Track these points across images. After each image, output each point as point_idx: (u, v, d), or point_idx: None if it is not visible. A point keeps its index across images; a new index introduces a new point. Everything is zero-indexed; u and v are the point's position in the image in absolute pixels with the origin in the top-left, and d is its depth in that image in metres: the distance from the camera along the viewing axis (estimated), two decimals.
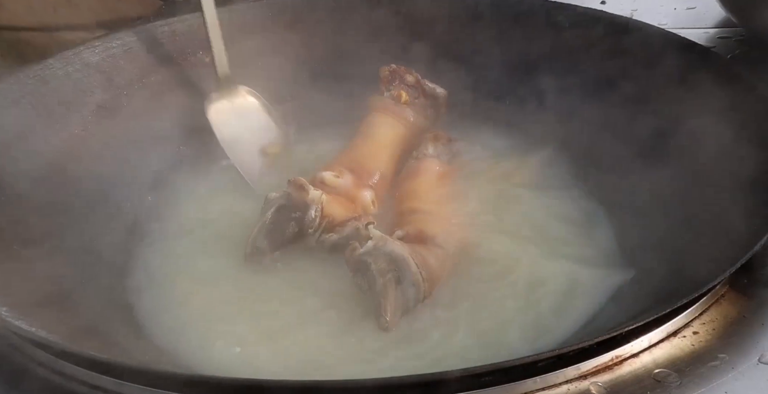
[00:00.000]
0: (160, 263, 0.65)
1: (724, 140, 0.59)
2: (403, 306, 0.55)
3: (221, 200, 0.72)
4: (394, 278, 0.55)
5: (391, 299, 0.54)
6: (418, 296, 0.55)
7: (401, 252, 0.55)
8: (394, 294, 0.54)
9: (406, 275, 0.55)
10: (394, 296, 0.54)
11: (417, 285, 0.55)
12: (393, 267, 0.55)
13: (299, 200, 0.61)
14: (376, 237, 0.56)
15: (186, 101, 0.76)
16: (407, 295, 0.55)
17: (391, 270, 0.55)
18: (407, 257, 0.55)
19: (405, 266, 0.55)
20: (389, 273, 0.55)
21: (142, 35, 0.74)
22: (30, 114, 0.65)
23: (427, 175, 0.69)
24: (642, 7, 0.93)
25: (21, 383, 0.47)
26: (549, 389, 0.44)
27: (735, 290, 0.51)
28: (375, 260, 0.55)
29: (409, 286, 0.55)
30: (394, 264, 0.55)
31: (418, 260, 0.56)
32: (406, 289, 0.55)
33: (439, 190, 0.68)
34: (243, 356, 0.55)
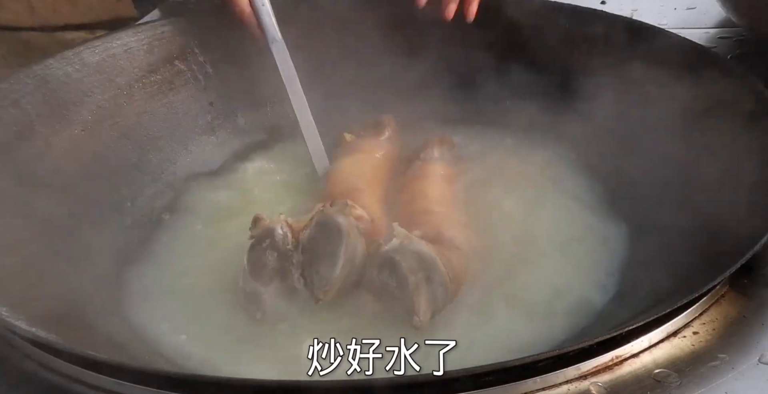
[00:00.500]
0: (161, 265, 0.65)
1: (724, 140, 0.59)
2: (434, 305, 0.54)
3: (222, 200, 0.72)
4: (425, 276, 0.54)
5: (424, 297, 0.53)
6: (447, 297, 0.55)
7: (429, 251, 0.54)
8: (426, 294, 0.54)
9: (435, 275, 0.54)
10: (426, 295, 0.54)
11: (445, 285, 0.54)
12: (423, 266, 0.54)
13: (263, 230, 0.58)
14: (400, 235, 0.55)
15: (186, 101, 0.76)
16: (437, 294, 0.54)
17: (421, 269, 0.54)
18: (436, 257, 0.54)
19: (434, 265, 0.54)
20: (420, 272, 0.54)
21: (142, 35, 0.74)
22: (30, 114, 0.65)
23: (434, 177, 0.70)
24: (642, 7, 0.93)
25: (21, 382, 0.47)
26: (549, 389, 0.44)
27: (735, 290, 0.51)
28: (404, 257, 0.54)
29: (438, 286, 0.54)
30: (423, 263, 0.54)
31: (444, 260, 0.55)
32: (436, 288, 0.54)
33: (447, 192, 0.69)
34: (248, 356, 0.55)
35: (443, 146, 0.73)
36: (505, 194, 0.70)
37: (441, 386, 0.43)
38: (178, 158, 0.75)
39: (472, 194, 0.70)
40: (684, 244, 0.57)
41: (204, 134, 0.77)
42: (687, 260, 0.55)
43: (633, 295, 0.56)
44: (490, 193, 0.70)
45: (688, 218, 0.58)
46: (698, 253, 0.54)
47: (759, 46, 0.85)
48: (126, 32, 0.74)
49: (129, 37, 0.74)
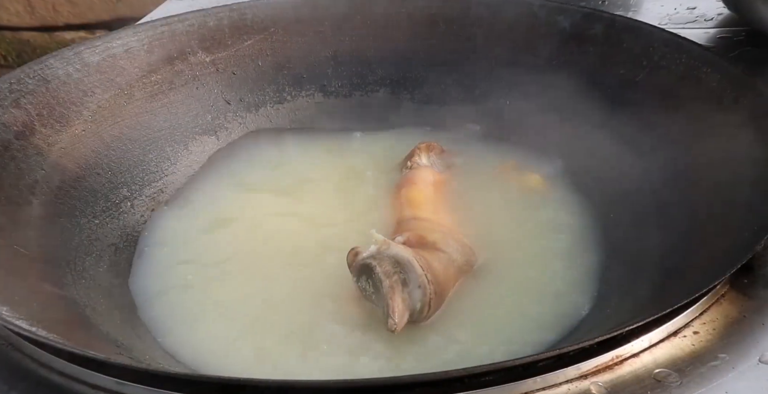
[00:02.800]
0: (161, 264, 0.65)
1: (724, 140, 0.59)
2: (410, 307, 0.54)
3: (222, 200, 0.72)
4: (400, 279, 0.54)
5: (398, 299, 0.53)
6: (425, 298, 0.54)
7: (405, 254, 0.55)
8: (401, 295, 0.54)
9: (411, 276, 0.54)
10: (401, 296, 0.54)
11: (423, 287, 0.54)
12: (398, 269, 0.54)
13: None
14: (378, 241, 0.55)
15: (186, 101, 0.76)
16: (414, 296, 0.54)
17: (396, 272, 0.54)
18: (412, 259, 0.54)
19: (410, 267, 0.54)
20: (395, 275, 0.54)
21: (142, 35, 0.74)
22: (31, 114, 0.65)
23: (422, 183, 0.70)
24: (642, 7, 0.93)
25: (21, 382, 0.47)
26: (549, 389, 0.44)
27: (735, 290, 0.51)
28: (380, 262, 0.54)
29: (415, 288, 0.54)
30: (399, 266, 0.54)
31: (423, 262, 0.55)
32: (413, 291, 0.54)
33: (435, 198, 0.69)
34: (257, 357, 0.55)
35: (431, 152, 0.73)
36: (493, 201, 0.70)
37: (441, 386, 0.43)
38: (178, 158, 0.75)
39: (460, 201, 0.70)
40: (684, 244, 0.57)
41: (204, 134, 0.77)
42: (687, 259, 0.55)
43: (633, 295, 0.56)
44: (476, 200, 0.70)
45: (687, 217, 0.58)
46: (698, 253, 0.54)
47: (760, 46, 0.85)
48: (126, 32, 0.74)
49: (129, 37, 0.74)
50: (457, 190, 0.71)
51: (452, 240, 0.61)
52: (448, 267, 0.59)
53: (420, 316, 0.55)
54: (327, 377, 0.51)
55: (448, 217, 0.67)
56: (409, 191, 0.69)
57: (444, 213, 0.67)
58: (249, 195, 0.73)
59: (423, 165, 0.72)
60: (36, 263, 0.56)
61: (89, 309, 0.55)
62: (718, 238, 0.53)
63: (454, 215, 0.67)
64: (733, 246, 0.50)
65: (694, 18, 0.93)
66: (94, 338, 0.52)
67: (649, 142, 0.65)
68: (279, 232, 0.68)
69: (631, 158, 0.66)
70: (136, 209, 0.69)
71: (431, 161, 0.72)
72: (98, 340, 0.52)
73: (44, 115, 0.66)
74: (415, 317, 0.55)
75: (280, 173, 0.76)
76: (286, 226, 0.69)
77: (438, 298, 0.56)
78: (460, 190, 0.71)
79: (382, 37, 0.72)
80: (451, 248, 0.60)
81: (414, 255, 0.55)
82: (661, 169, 0.63)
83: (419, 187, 0.69)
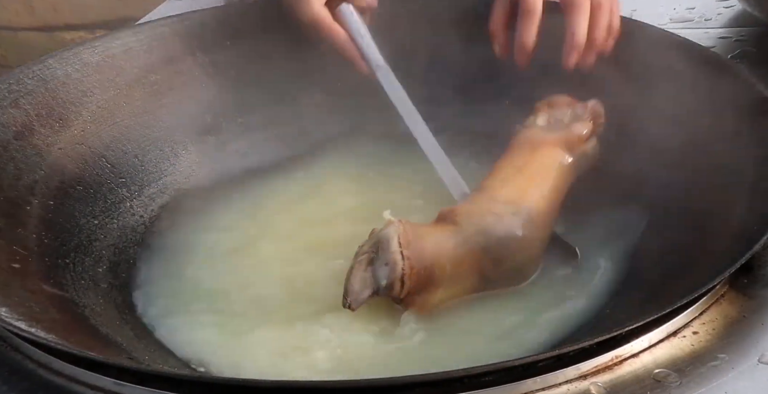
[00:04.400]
0: (161, 265, 0.65)
1: (724, 140, 0.59)
2: (372, 285, 0.53)
3: (222, 200, 0.72)
4: (367, 259, 0.53)
5: (354, 278, 0.53)
6: (393, 275, 0.52)
7: (389, 232, 0.53)
8: (361, 274, 0.53)
9: (382, 254, 0.53)
10: (360, 275, 0.53)
11: (393, 264, 0.52)
12: (375, 248, 0.53)
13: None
14: (386, 221, 0.54)
15: (186, 101, 0.76)
16: (378, 274, 0.53)
17: (368, 251, 0.53)
18: (391, 237, 0.53)
19: (386, 245, 0.53)
20: (365, 254, 0.53)
21: (141, 35, 0.74)
22: (30, 114, 0.65)
23: (516, 150, 0.63)
24: (642, 7, 0.93)
25: (20, 383, 0.47)
26: (549, 389, 0.44)
27: (735, 290, 0.51)
28: (362, 245, 0.54)
29: (381, 265, 0.53)
30: (377, 245, 0.53)
31: (408, 238, 0.53)
32: (378, 268, 0.53)
33: (518, 167, 0.61)
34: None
35: (554, 110, 0.64)
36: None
37: (441, 386, 0.43)
38: (177, 159, 0.74)
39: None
40: (683, 244, 0.57)
41: (204, 134, 0.77)
42: (687, 259, 0.55)
43: (633, 295, 0.56)
44: None
45: (686, 217, 0.58)
46: (698, 253, 0.54)
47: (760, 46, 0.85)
48: (126, 32, 0.74)
49: (129, 37, 0.74)
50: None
51: (483, 215, 0.56)
52: (449, 243, 0.54)
53: (391, 292, 0.53)
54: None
55: (515, 191, 0.59)
56: (501, 158, 0.62)
57: (513, 186, 0.60)
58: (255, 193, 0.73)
59: (536, 126, 0.64)
60: (35, 263, 0.56)
61: (88, 310, 0.55)
62: (718, 238, 0.53)
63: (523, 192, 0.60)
64: (732, 246, 0.50)
65: (694, 18, 0.94)
66: (93, 338, 0.52)
67: (648, 141, 0.65)
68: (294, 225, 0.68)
69: (629, 158, 0.66)
70: (136, 210, 0.69)
71: (553, 121, 0.64)
72: (97, 341, 0.52)
73: (43, 115, 0.66)
74: (382, 293, 0.53)
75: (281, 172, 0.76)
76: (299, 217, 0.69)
77: (421, 275, 0.53)
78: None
79: (383, 37, 0.72)
80: (473, 223, 0.55)
81: (403, 231, 0.53)
82: (659, 170, 0.63)
83: (507, 155, 0.62)
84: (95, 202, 0.66)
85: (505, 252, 0.56)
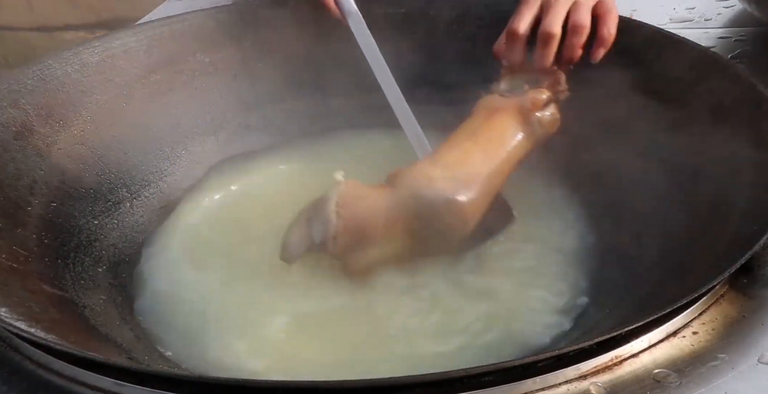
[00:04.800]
0: (161, 265, 0.65)
1: (724, 140, 0.59)
2: (308, 241, 0.56)
3: (222, 199, 0.72)
4: (306, 217, 0.56)
5: (292, 235, 0.56)
6: (327, 233, 0.55)
7: (327, 194, 0.56)
8: (298, 231, 0.56)
9: (319, 212, 0.55)
10: (297, 232, 0.56)
11: (327, 222, 0.54)
12: (314, 208, 0.56)
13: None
14: (335, 183, 0.57)
15: (186, 101, 0.76)
16: (314, 230, 0.55)
17: (309, 210, 0.56)
18: (330, 198, 0.55)
19: (323, 205, 0.55)
20: (305, 213, 0.56)
21: (141, 35, 0.74)
22: (30, 114, 0.65)
23: (472, 114, 0.63)
24: (641, 7, 0.93)
25: (19, 383, 0.47)
26: (549, 390, 0.44)
27: (735, 289, 0.51)
28: (311, 204, 0.56)
29: (316, 223, 0.55)
30: (317, 205, 0.56)
31: (346, 199, 0.55)
32: (314, 226, 0.55)
33: (470, 133, 0.61)
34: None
35: (516, 77, 0.64)
36: None
37: (440, 387, 0.43)
38: (177, 159, 0.74)
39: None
40: (683, 244, 0.57)
41: (204, 134, 0.77)
42: (687, 259, 0.55)
43: (632, 295, 0.56)
44: None
45: (686, 217, 0.58)
46: (698, 253, 0.54)
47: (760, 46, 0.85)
48: (126, 32, 0.74)
49: (129, 37, 0.74)
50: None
51: (417, 178, 0.57)
52: (384, 204, 0.56)
53: (326, 248, 0.56)
54: None
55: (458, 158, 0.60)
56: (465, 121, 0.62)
57: (458, 153, 0.60)
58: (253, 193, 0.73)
59: (497, 92, 0.64)
60: (35, 263, 0.56)
61: (88, 310, 0.55)
62: (718, 238, 0.53)
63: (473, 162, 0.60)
64: (732, 246, 0.50)
65: (694, 18, 0.93)
66: (93, 338, 0.52)
67: (649, 142, 0.65)
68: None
69: (630, 158, 0.66)
70: (136, 210, 0.69)
71: (513, 87, 0.63)
72: (97, 341, 0.52)
73: (43, 115, 0.66)
74: (317, 249, 0.56)
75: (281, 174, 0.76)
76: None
77: (354, 233, 0.55)
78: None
79: (382, 37, 0.72)
80: (407, 186, 0.57)
81: (342, 193, 0.55)
82: (660, 169, 0.63)
83: (465, 121, 0.62)
84: (95, 202, 0.66)
85: (434, 215, 0.57)
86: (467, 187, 0.57)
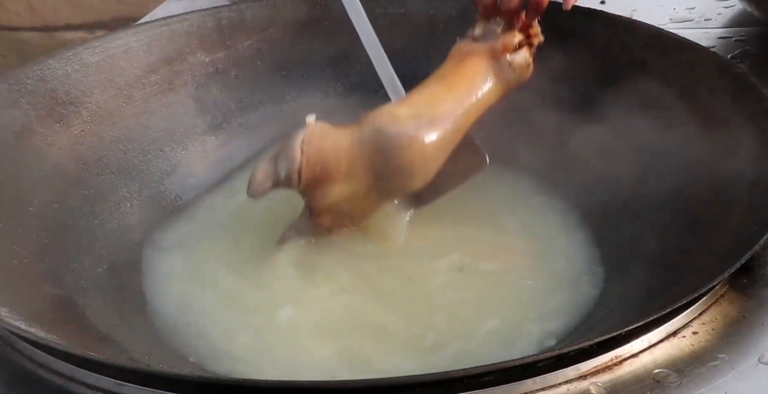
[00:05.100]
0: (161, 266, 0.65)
1: (723, 140, 0.59)
2: (273, 177, 0.58)
3: (222, 200, 0.72)
4: (274, 154, 0.58)
5: (258, 170, 0.58)
6: (291, 167, 0.57)
7: (295, 132, 0.58)
8: (264, 166, 0.58)
9: (285, 149, 0.57)
10: (263, 168, 0.58)
11: (291, 158, 0.57)
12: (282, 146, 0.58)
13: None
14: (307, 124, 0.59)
15: (186, 101, 0.76)
16: (279, 166, 0.57)
17: (276, 148, 0.58)
18: (297, 136, 0.57)
19: (289, 142, 0.57)
20: (273, 150, 0.59)
21: (141, 35, 0.74)
22: (30, 114, 0.65)
23: (446, 59, 0.63)
24: (642, 7, 0.93)
25: (19, 383, 0.47)
26: (549, 389, 0.44)
27: (735, 289, 0.51)
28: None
29: (282, 159, 0.57)
30: (283, 143, 0.58)
31: (312, 137, 0.57)
32: (279, 162, 0.57)
33: (441, 76, 0.62)
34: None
35: (490, 21, 0.62)
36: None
37: (440, 387, 0.43)
38: (177, 158, 0.74)
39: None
40: (683, 244, 0.57)
41: (204, 134, 0.77)
42: (686, 259, 0.55)
43: (632, 295, 0.56)
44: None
45: (687, 217, 0.58)
46: (698, 253, 0.54)
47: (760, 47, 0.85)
48: (126, 32, 0.74)
49: (129, 37, 0.74)
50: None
51: (383, 116, 0.59)
52: (348, 141, 0.58)
53: (290, 183, 0.58)
54: None
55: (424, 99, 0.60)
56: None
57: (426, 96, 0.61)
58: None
59: (471, 37, 0.63)
60: (35, 263, 0.56)
61: (88, 310, 0.55)
62: (718, 238, 0.53)
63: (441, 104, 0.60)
64: (732, 246, 0.50)
65: (694, 18, 0.94)
66: (93, 338, 0.52)
67: (648, 141, 0.65)
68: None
69: (630, 158, 0.66)
70: (136, 210, 0.69)
71: (487, 32, 0.62)
72: (97, 341, 0.52)
73: (43, 115, 0.66)
74: (283, 184, 0.58)
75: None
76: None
77: (317, 168, 0.57)
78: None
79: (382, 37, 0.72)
80: (372, 123, 0.58)
81: (309, 132, 0.57)
82: (660, 169, 0.63)
83: (440, 66, 0.62)
84: (95, 202, 0.66)
85: (395, 150, 0.58)
86: (431, 125, 0.58)
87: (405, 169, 0.59)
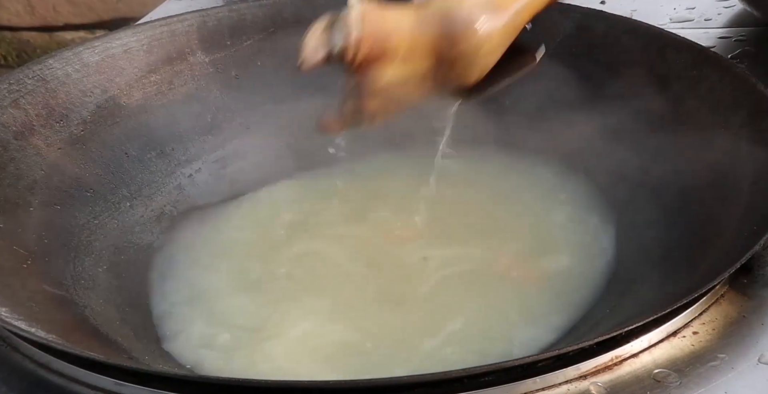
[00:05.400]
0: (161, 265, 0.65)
1: (724, 140, 0.59)
2: (327, 47, 0.53)
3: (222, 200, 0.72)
4: (328, 23, 0.53)
5: (310, 39, 0.53)
6: (349, 38, 0.52)
7: (350, 5, 0.53)
8: (317, 35, 0.53)
9: (343, 19, 0.52)
10: (315, 36, 0.53)
11: (347, 28, 0.52)
12: (336, 17, 0.53)
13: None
14: None
15: (186, 101, 0.76)
16: (334, 38, 0.53)
17: (330, 18, 0.53)
18: (355, 5, 0.52)
19: (348, 11, 0.52)
20: (326, 20, 0.53)
21: (141, 35, 0.74)
22: (30, 114, 0.65)
23: None
24: (642, 7, 0.93)
25: (19, 383, 0.47)
26: (549, 389, 0.44)
27: (735, 290, 0.51)
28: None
29: (337, 30, 0.52)
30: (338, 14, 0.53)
31: (369, 14, 0.52)
32: (334, 33, 0.53)
33: None
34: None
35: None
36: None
37: (440, 387, 0.43)
38: (177, 158, 0.74)
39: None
40: (683, 244, 0.57)
41: (204, 134, 0.77)
42: (686, 260, 0.55)
43: (633, 295, 0.56)
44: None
45: (686, 217, 0.58)
46: (698, 253, 0.54)
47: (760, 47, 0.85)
48: (126, 32, 0.74)
49: (129, 37, 0.74)
50: None
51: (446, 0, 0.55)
52: (411, 18, 0.54)
53: (345, 57, 0.53)
54: None
55: None
56: None
57: None
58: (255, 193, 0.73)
59: None
60: (35, 263, 0.56)
61: (88, 310, 0.55)
62: (718, 238, 0.53)
63: None
64: (732, 246, 0.50)
65: (694, 18, 0.93)
66: (93, 338, 0.52)
67: (647, 142, 0.65)
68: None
69: (629, 158, 0.66)
70: (136, 210, 0.69)
71: None
72: (97, 341, 0.52)
73: (43, 115, 0.66)
74: (335, 58, 0.53)
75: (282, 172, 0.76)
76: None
77: (377, 43, 0.52)
78: None
79: None
80: (435, 7, 0.54)
81: (365, 6, 0.52)
82: (660, 170, 0.63)
83: None
84: (95, 202, 0.66)
85: (463, 36, 0.55)
86: (497, 13, 0.55)
87: (469, 55, 0.55)
